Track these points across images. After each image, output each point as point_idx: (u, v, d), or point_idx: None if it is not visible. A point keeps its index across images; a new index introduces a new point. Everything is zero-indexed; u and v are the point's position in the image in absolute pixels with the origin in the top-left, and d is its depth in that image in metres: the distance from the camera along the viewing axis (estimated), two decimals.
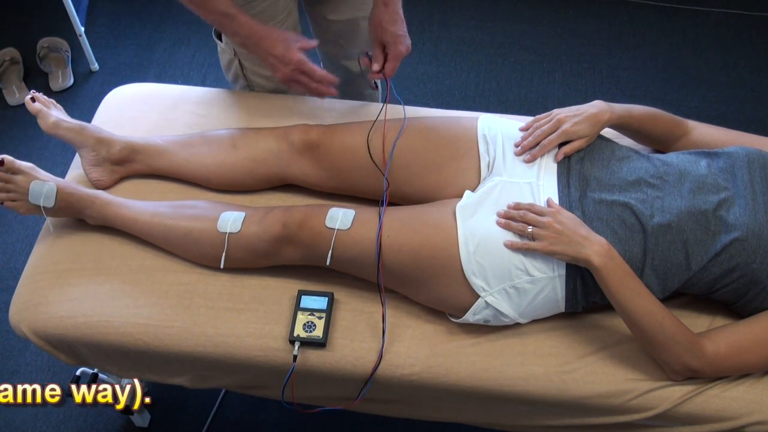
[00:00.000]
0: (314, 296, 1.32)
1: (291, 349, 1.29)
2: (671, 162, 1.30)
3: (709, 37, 2.66)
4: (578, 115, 1.32)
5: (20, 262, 2.05)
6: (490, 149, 1.35)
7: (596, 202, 1.25)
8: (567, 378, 1.26)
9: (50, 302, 1.36)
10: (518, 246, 1.21)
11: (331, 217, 1.29)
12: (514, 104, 2.47)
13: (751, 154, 1.28)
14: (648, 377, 1.24)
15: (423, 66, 2.58)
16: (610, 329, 1.30)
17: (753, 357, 1.20)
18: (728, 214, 1.21)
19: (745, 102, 2.47)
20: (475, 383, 1.27)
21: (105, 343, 1.33)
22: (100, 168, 1.49)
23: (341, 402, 1.36)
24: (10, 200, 1.39)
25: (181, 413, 1.82)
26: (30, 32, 2.65)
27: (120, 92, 1.70)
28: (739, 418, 1.22)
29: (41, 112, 1.47)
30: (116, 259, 1.41)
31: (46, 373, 1.90)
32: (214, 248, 1.34)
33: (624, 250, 1.21)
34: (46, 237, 1.46)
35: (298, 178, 1.46)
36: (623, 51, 2.62)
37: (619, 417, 1.26)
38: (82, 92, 2.52)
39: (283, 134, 1.46)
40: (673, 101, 2.47)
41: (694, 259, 1.21)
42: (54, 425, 1.81)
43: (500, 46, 2.65)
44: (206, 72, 2.57)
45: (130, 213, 1.40)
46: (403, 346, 1.30)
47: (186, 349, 1.32)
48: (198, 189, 1.51)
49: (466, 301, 1.24)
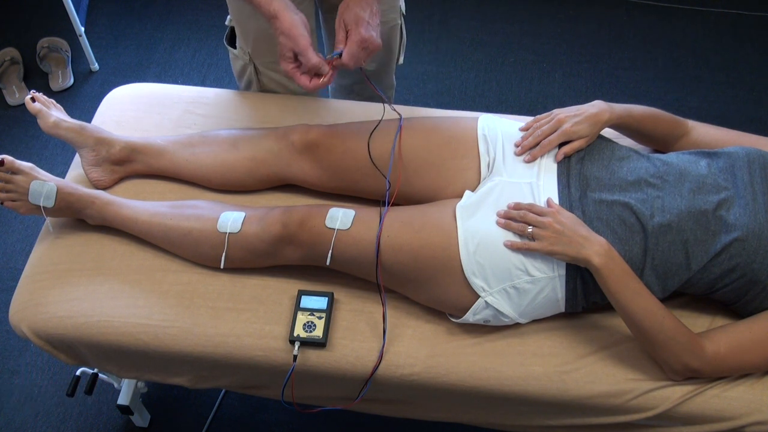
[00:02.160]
0: (314, 296, 1.32)
1: (291, 349, 1.29)
2: (671, 162, 1.30)
3: (709, 37, 2.66)
4: (578, 115, 1.32)
5: (20, 262, 2.06)
6: (490, 149, 1.35)
7: (596, 202, 1.25)
8: (567, 378, 1.26)
9: (50, 302, 1.36)
10: (518, 246, 1.21)
11: (331, 217, 1.29)
12: (514, 104, 2.47)
13: (751, 154, 1.28)
14: (648, 377, 1.24)
15: (423, 66, 2.58)
16: (610, 329, 1.30)
17: (753, 357, 1.20)
18: (728, 214, 1.21)
19: (745, 102, 2.47)
20: (475, 383, 1.27)
21: (105, 343, 1.33)
22: (100, 168, 1.49)
23: (341, 402, 1.36)
24: (10, 200, 1.39)
25: (181, 413, 1.82)
26: (30, 32, 2.65)
27: (120, 92, 1.70)
28: (739, 418, 1.22)
29: (41, 112, 1.47)
30: (116, 259, 1.41)
31: (46, 373, 1.90)
32: (214, 248, 1.34)
33: (624, 250, 1.21)
34: (46, 237, 1.46)
35: (298, 178, 1.46)
36: (623, 51, 2.62)
37: (619, 417, 1.26)
38: (82, 92, 2.52)
39: (284, 134, 1.46)
40: (673, 101, 2.47)
41: (694, 259, 1.21)
42: (54, 425, 1.81)
43: (500, 46, 2.65)
44: (206, 72, 2.57)
45: (130, 213, 1.40)
46: (403, 346, 1.30)
47: (186, 349, 1.32)
48: (198, 189, 1.51)
49: (466, 301, 1.24)
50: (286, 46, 1.26)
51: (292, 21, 1.25)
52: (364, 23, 1.28)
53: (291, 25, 1.25)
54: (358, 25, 1.28)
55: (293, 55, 1.27)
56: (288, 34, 1.25)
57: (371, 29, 1.28)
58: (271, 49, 1.59)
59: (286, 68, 1.29)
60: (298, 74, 1.29)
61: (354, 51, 1.28)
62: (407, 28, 1.71)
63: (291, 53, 1.27)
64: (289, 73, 1.29)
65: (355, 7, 1.29)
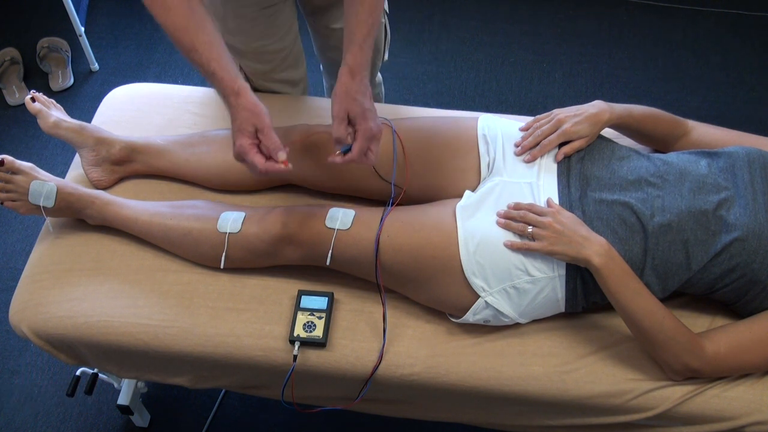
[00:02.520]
0: (314, 296, 1.32)
1: (291, 349, 1.29)
2: (671, 162, 1.30)
3: (709, 37, 2.66)
4: (578, 115, 1.32)
5: (20, 262, 2.05)
6: (490, 149, 1.35)
7: (596, 202, 1.25)
8: (567, 378, 1.26)
9: (50, 302, 1.36)
10: (518, 246, 1.21)
11: (331, 217, 1.29)
12: (514, 104, 2.47)
13: (751, 153, 1.28)
14: (648, 377, 1.24)
15: (423, 66, 2.58)
16: (610, 329, 1.30)
17: (753, 357, 1.20)
18: (728, 214, 1.21)
19: (745, 102, 2.47)
20: (475, 383, 1.27)
21: (105, 343, 1.33)
22: (100, 168, 1.49)
23: (341, 402, 1.36)
24: (10, 200, 1.39)
25: (181, 413, 1.82)
26: (30, 32, 2.65)
27: (120, 92, 1.70)
28: (739, 418, 1.22)
29: (41, 112, 1.47)
30: (116, 259, 1.41)
31: (46, 373, 1.90)
32: (214, 248, 1.34)
33: (624, 249, 1.21)
34: (46, 237, 1.46)
35: (298, 178, 1.46)
36: (623, 51, 2.62)
37: (619, 417, 1.26)
38: (82, 92, 2.52)
39: (284, 134, 1.45)
40: (673, 101, 2.47)
41: (695, 259, 1.21)
42: (54, 425, 1.81)
43: (500, 46, 2.65)
44: None
45: (130, 213, 1.40)
46: (403, 346, 1.30)
47: (186, 349, 1.32)
48: (198, 189, 1.51)
49: (466, 301, 1.24)
50: (249, 121, 1.17)
51: (255, 100, 1.18)
52: (370, 115, 1.19)
53: (255, 103, 1.18)
54: (366, 118, 1.18)
55: (254, 130, 1.18)
56: (252, 110, 1.17)
57: (377, 119, 1.20)
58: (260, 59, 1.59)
59: (242, 143, 1.17)
60: (253, 151, 1.17)
61: (364, 146, 1.19)
62: (405, 28, 1.72)
63: (252, 128, 1.17)
64: (243, 150, 1.17)
65: (357, 95, 1.18)
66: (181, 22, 1.16)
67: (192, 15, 1.17)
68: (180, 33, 1.17)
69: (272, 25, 1.54)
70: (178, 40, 1.17)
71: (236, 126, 1.18)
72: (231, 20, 1.51)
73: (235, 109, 1.18)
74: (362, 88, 1.17)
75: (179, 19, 1.16)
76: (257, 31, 1.54)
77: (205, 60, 1.17)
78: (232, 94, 1.17)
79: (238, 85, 1.18)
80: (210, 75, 1.18)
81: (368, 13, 1.15)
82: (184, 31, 1.17)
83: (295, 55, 1.67)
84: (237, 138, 1.18)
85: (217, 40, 1.19)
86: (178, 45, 1.18)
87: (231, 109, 1.18)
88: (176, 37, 1.17)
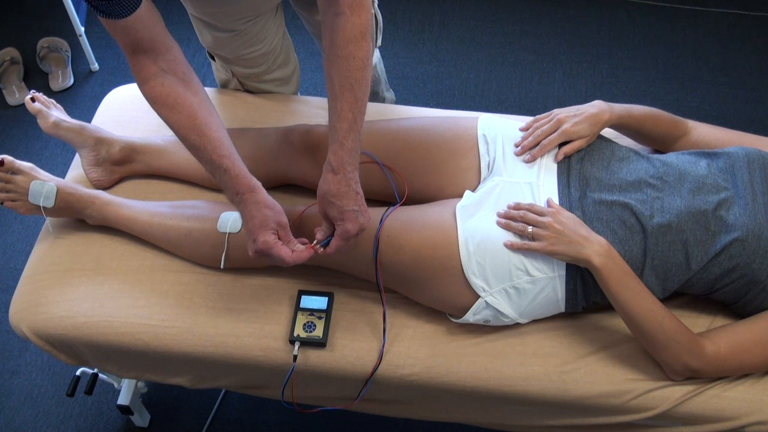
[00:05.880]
0: (314, 296, 1.32)
1: (291, 349, 1.29)
2: (671, 162, 1.30)
3: (709, 37, 2.65)
4: (578, 115, 1.32)
5: (20, 262, 2.05)
6: (490, 149, 1.35)
7: (596, 203, 1.25)
8: (567, 378, 1.26)
9: (50, 302, 1.36)
10: (518, 246, 1.21)
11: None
12: (514, 104, 2.47)
13: (751, 154, 1.28)
14: (648, 377, 1.24)
15: (423, 66, 2.58)
16: (610, 329, 1.30)
17: (753, 357, 1.20)
18: (728, 214, 1.21)
19: (745, 102, 2.47)
20: (475, 383, 1.27)
21: (105, 343, 1.33)
22: (99, 168, 1.49)
23: (341, 402, 1.36)
24: (10, 200, 1.39)
25: (181, 413, 1.82)
26: (30, 32, 2.65)
27: (120, 92, 1.70)
28: (739, 418, 1.22)
29: (41, 112, 1.47)
30: (116, 259, 1.41)
31: (46, 373, 1.90)
32: (214, 248, 1.34)
33: (624, 250, 1.21)
34: (46, 237, 1.46)
35: (298, 178, 1.46)
36: (623, 51, 2.62)
37: (619, 417, 1.26)
38: (82, 92, 2.52)
39: (284, 134, 1.46)
40: (673, 101, 2.47)
41: (694, 259, 1.21)
42: (54, 425, 1.81)
43: (500, 46, 2.65)
44: (206, 72, 2.57)
45: (130, 213, 1.40)
46: (403, 346, 1.30)
47: (186, 349, 1.32)
48: (198, 189, 1.51)
49: (466, 301, 1.24)
50: (272, 219, 1.17)
51: (269, 197, 1.19)
52: (349, 216, 1.16)
53: (272, 200, 1.18)
54: (344, 220, 1.16)
55: (277, 227, 1.18)
56: (273, 207, 1.17)
57: (358, 216, 1.17)
58: (250, 64, 1.59)
59: (267, 240, 1.16)
60: (279, 245, 1.17)
61: (342, 245, 1.19)
62: (405, 28, 1.72)
63: (276, 225, 1.17)
64: (268, 245, 1.16)
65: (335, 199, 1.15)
66: (188, 122, 1.16)
67: (198, 112, 1.17)
68: (187, 131, 1.16)
69: (260, 32, 1.53)
70: (186, 138, 1.17)
71: (257, 222, 1.17)
72: (218, 33, 1.50)
73: (254, 205, 1.17)
74: (342, 188, 1.15)
75: (185, 119, 1.16)
76: (246, 40, 1.52)
77: (216, 157, 1.16)
78: (248, 191, 1.17)
79: (253, 182, 1.18)
80: (222, 172, 1.17)
81: (348, 109, 1.13)
82: (192, 130, 1.16)
83: (285, 53, 1.66)
84: (260, 234, 1.16)
85: (225, 135, 1.19)
86: (186, 143, 1.18)
87: (246, 206, 1.18)
88: (183, 135, 1.17)
